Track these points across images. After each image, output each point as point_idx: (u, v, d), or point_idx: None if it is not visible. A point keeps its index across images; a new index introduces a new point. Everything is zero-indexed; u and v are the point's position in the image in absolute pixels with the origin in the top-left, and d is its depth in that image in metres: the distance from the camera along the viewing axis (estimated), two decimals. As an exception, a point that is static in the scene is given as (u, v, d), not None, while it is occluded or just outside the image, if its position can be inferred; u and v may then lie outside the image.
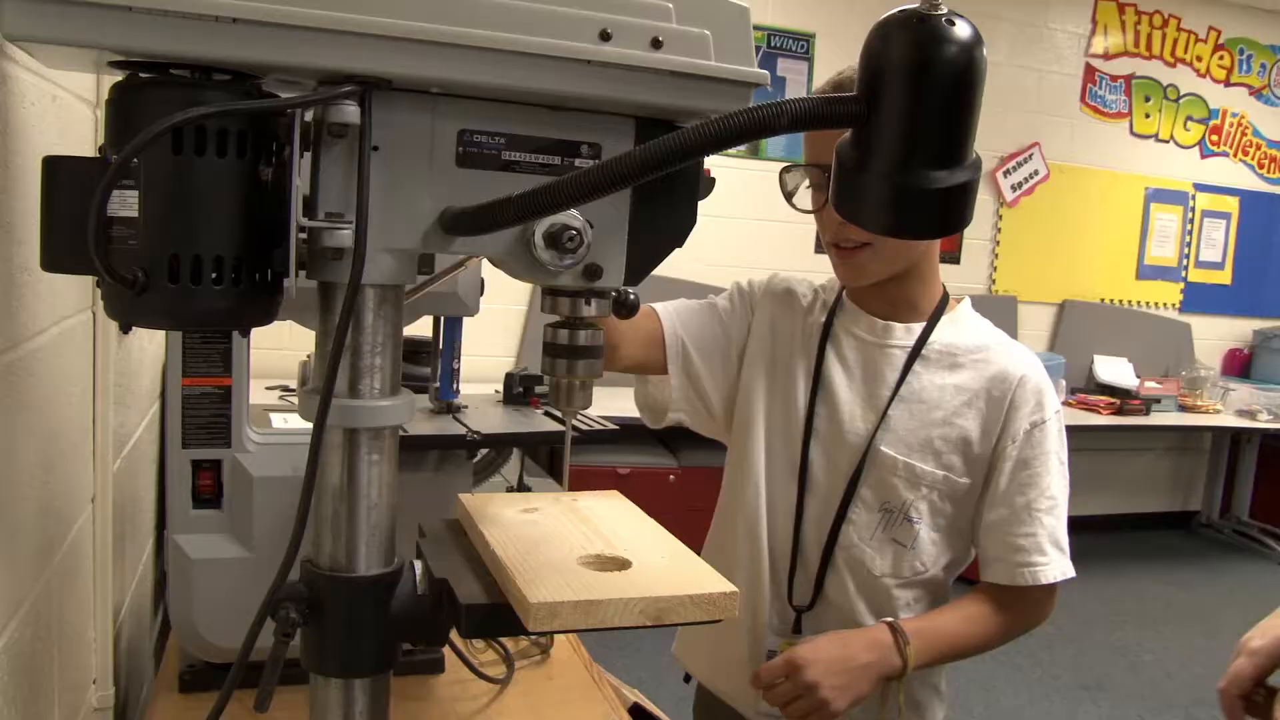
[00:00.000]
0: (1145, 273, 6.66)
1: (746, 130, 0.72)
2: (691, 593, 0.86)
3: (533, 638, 1.70)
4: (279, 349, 3.67)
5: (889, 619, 1.43)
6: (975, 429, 1.46)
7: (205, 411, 1.44)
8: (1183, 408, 6.09)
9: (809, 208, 1.44)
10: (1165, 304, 6.75)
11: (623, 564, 0.92)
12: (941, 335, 1.49)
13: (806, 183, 1.46)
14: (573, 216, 0.88)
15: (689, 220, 0.95)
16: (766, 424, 1.57)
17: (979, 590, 1.50)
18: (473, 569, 0.94)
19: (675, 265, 1.42)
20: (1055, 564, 1.44)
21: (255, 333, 1.57)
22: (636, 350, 1.56)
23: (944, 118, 0.73)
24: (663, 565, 0.93)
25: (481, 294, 1.60)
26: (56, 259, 0.82)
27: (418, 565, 0.95)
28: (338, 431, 0.89)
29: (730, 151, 5.49)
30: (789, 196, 1.47)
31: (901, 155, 0.74)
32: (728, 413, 1.61)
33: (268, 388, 3.74)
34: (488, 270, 1.59)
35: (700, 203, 0.97)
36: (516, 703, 1.52)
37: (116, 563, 1.59)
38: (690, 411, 1.61)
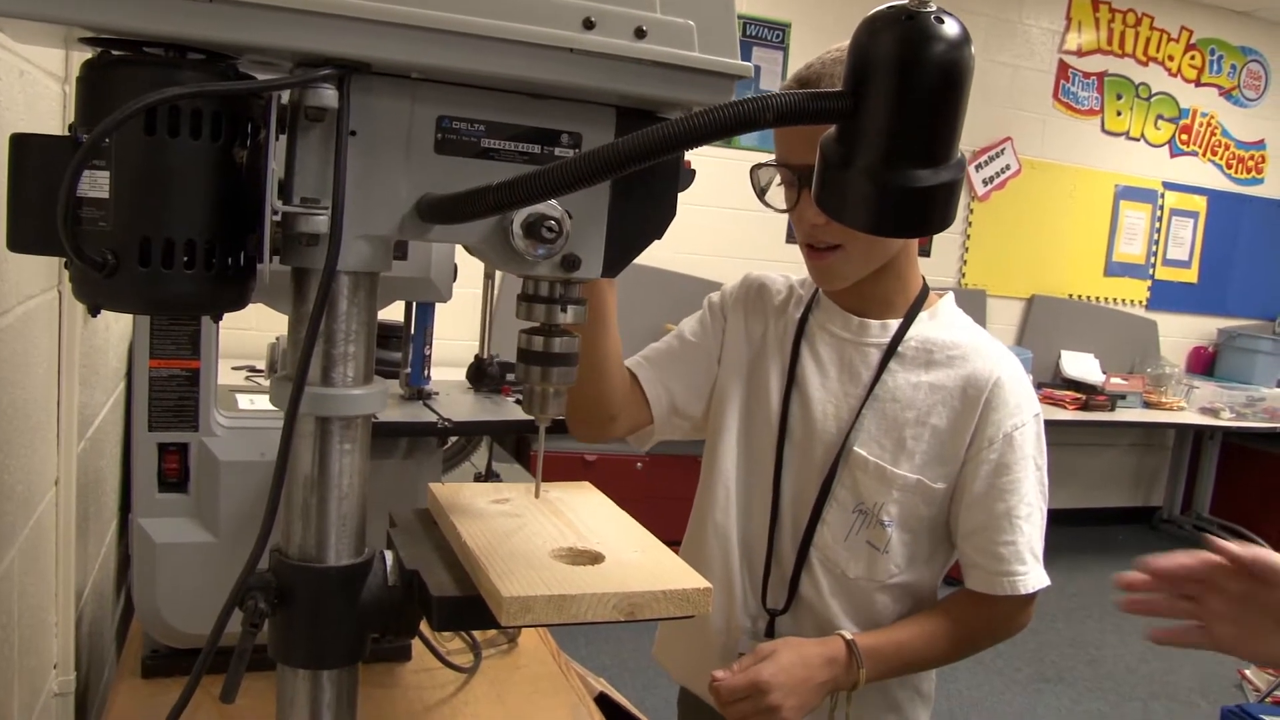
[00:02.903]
0: (1113, 269, 6.72)
1: (732, 124, 0.72)
2: (665, 588, 0.85)
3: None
4: (246, 329, 3.62)
5: (845, 634, 1.41)
6: (947, 429, 1.44)
7: (172, 394, 1.42)
8: (1147, 404, 6.16)
9: (782, 206, 1.43)
10: (1132, 301, 6.82)
11: (595, 558, 0.92)
12: (918, 331, 1.47)
13: (778, 180, 1.44)
14: (552, 206, 0.86)
15: (669, 212, 0.94)
16: (742, 425, 1.56)
17: (956, 598, 1.49)
18: (444, 560, 0.94)
19: (651, 254, 1.42)
20: (1034, 573, 1.42)
21: (224, 314, 1.56)
22: (629, 419, 1.57)
23: (930, 116, 0.73)
24: (636, 560, 0.92)
25: (454, 280, 1.59)
26: (23, 239, 0.81)
27: (388, 556, 0.94)
28: (309, 419, 0.88)
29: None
30: (761, 194, 1.45)
31: (886, 152, 0.73)
32: (706, 417, 1.62)
33: (234, 368, 3.71)
34: (461, 256, 1.58)
35: (667, 229, 0.96)
36: (484, 692, 1.51)
37: (79, 546, 1.57)
38: (676, 433, 1.62)
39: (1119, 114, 6.54)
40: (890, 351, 1.46)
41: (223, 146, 0.80)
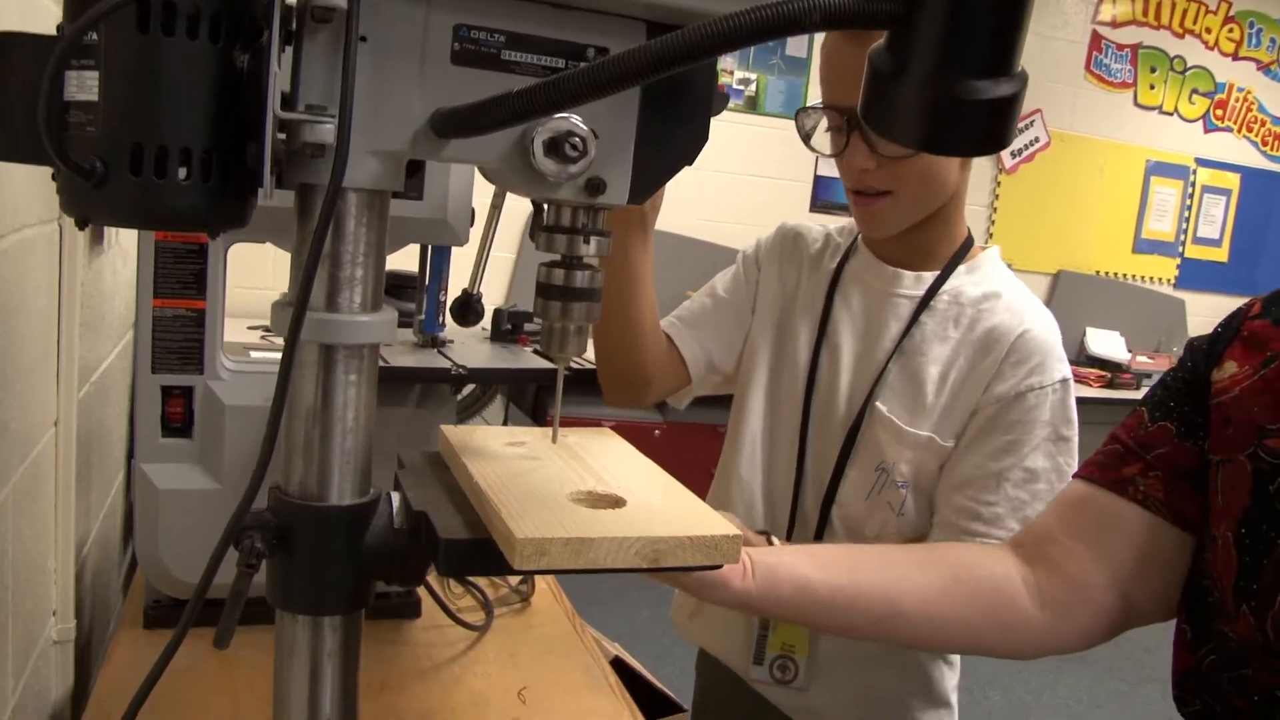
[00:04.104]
0: (1142, 246, 6.60)
1: (776, 25, 0.65)
2: (691, 534, 0.79)
3: (514, 583, 1.65)
4: (261, 288, 3.59)
5: (765, 531, 1.19)
6: (961, 383, 1.34)
7: (176, 335, 1.37)
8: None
9: (828, 152, 1.35)
10: (1160, 279, 6.70)
11: (617, 501, 0.86)
12: (954, 285, 1.39)
13: (825, 125, 1.37)
14: (576, 123, 0.80)
15: (701, 136, 0.88)
16: (770, 378, 1.50)
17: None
18: (454, 503, 0.88)
19: (671, 221, 1.37)
20: None
21: (236, 268, 1.50)
22: (666, 383, 1.52)
23: (992, 18, 0.66)
24: (660, 505, 0.86)
25: (472, 224, 1.53)
26: (9, 146, 0.75)
27: (395, 497, 0.88)
28: (312, 348, 0.82)
29: (729, 106, 5.40)
30: (806, 138, 1.38)
31: (943, 60, 0.67)
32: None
33: (250, 327, 3.67)
34: (479, 199, 1.52)
35: (698, 156, 0.89)
36: (495, 651, 1.46)
37: (82, 492, 1.52)
38: (712, 389, 1.57)
39: (1152, 87, 6.41)
40: (922, 305, 1.39)
41: (222, 49, 0.74)
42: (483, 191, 1.51)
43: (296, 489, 0.85)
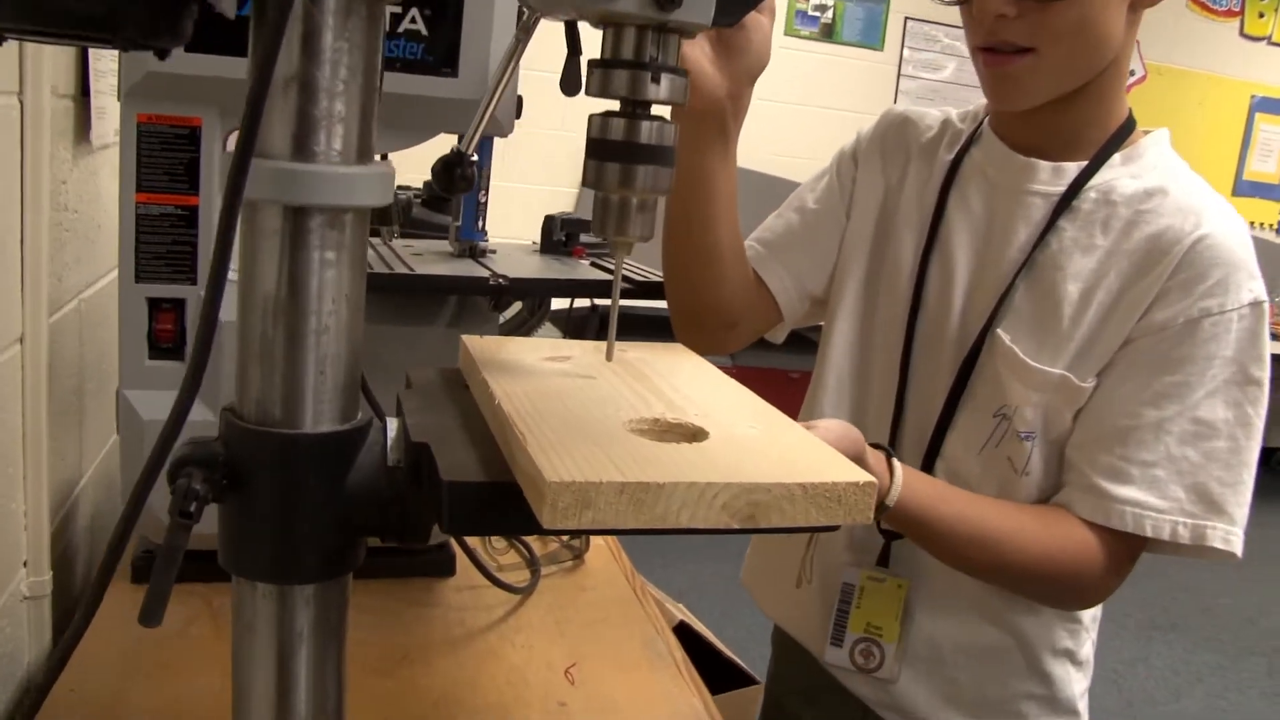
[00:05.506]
0: (1243, 189, 6.18)
1: None
2: (804, 480, 0.55)
3: (563, 538, 1.41)
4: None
5: (886, 447, 1.01)
6: (1112, 305, 1.05)
7: (164, 237, 1.16)
8: (1275, 336, 5.66)
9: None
10: (1263, 223, 6.28)
11: (695, 434, 0.61)
12: (1106, 178, 1.09)
13: None
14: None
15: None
16: (864, 297, 1.22)
17: (1054, 511, 1.06)
18: (470, 435, 0.64)
19: (739, 155, 1.11)
20: (1178, 519, 1.00)
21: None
22: (754, 323, 1.25)
23: None
24: (756, 439, 0.61)
25: (518, 115, 1.28)
26: None
27: (391, 425, 0.65)
28: (273, 213, 0.59)
29: (803, 33, 5.08)
30: None
31: None
32: None
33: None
34: (531, 96, 1.28)
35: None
36: (539, 618, 1.24)
37: (66, 424, 1.32)
38: (811, 319, 1.31)
39: (1261, 15, 5.94)
40: (1062, 204, 1.09)
41: None
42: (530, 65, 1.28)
43: (253, 411, 0.62)
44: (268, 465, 0.61)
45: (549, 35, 0.81)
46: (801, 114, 4.98)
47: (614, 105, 0.69)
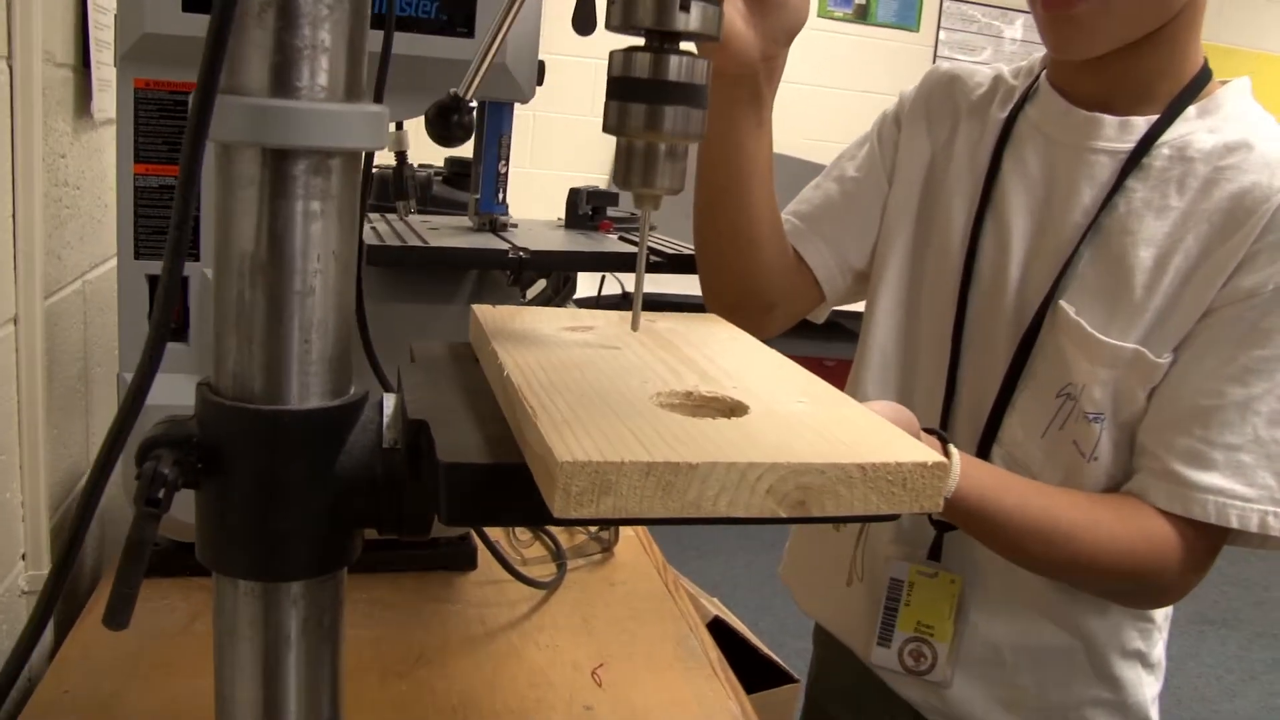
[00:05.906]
0: (1292, 171, 6.00)
1: None
2: (866, 460, 0.46)
3: (590, 529, 1.34)
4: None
5: (939, 431, 0.93)
6: (1188, 274, 0.95)
7: (164, 211, 1.09)
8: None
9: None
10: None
11: (734, 408, 0.53)
12: (1180, 133, 0.99)
13: None
14: None
15: None
16: (910, 270, 1.13)
17: (1128, 500, 0.97)
18: (476, 413, 0.56)
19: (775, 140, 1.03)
20: (1265, 508, 0.90)
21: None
22: (794, 304, 1.17)
23: None
24: (804, 414, 0.53)
25: (540, 81, 1.20)
26: None
27: (389, 402, 0.58)
28: (250, 157, 0.52)
29: (837, 15, 4.97)
30: None
31: None
32: None
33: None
34: (554, 66, 1.20)
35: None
36: (565, 615, 1.16)
37: (65, 413, 1.26)
38: (855, 296, 1.22)
39: (1311, -8, 5.77)
40: (1131, 162, 0.99)
41: None
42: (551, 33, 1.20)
43: (231, 385, 0.55)
44: (247, 446, 0.54)
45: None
46: (835, 97, 4.86)
47: (637, 41, 0.62)
